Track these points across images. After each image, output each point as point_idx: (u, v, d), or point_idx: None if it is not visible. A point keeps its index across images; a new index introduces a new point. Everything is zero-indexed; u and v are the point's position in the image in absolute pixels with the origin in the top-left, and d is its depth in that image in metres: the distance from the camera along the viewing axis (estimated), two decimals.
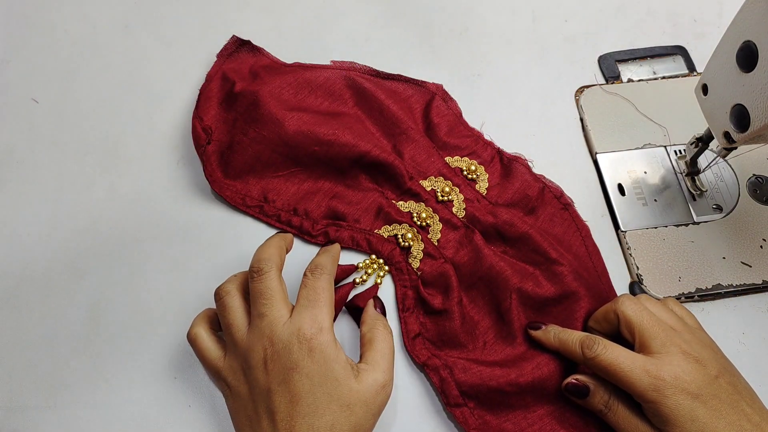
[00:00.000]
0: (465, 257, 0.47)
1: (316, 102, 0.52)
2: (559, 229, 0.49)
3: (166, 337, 0.46)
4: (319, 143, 0.49)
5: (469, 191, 0.50)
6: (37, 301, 0.47)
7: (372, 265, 0.48)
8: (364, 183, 0.50)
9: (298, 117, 0.49)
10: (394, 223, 0.48)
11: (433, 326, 0.45)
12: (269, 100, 0.50)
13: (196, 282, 0.48)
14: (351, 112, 0.52)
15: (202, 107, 0.52)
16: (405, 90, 0.55)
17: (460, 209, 0.49)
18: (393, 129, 0.51)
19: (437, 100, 0.54)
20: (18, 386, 0.44)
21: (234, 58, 0.56)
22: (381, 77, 0.55)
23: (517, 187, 0.50)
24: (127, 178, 0.52)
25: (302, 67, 0.55)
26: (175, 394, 0.44)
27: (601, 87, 0.56)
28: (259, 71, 0.54)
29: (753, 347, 0.46)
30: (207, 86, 0.53)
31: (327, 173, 0.50)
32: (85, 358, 0.45)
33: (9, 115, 0.55)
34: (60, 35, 0.59)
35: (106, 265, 0.48)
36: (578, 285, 0.45)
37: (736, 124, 0.41)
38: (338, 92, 0.52)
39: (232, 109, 0.52)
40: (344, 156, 0.49)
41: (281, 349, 0.38)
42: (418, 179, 0.50)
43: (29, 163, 0.53)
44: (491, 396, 0.42)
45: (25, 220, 0.50)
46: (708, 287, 0.47)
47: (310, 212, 0.49)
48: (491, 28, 0.60)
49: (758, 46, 0.37)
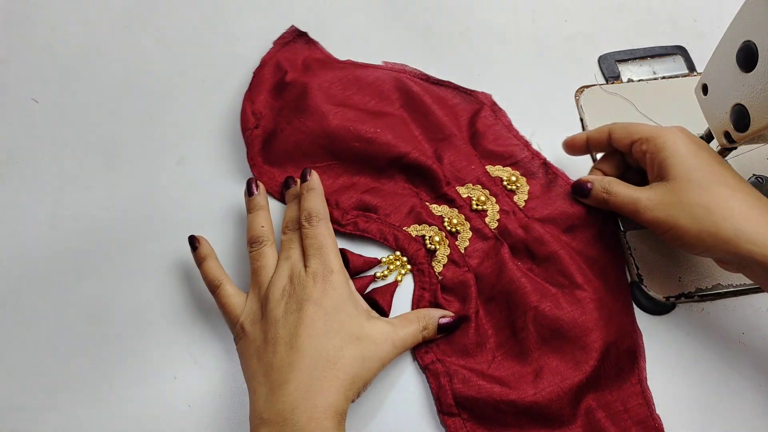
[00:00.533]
0: (488, 269, 0.46)
1: (363, 100, 0.52)
2: (595, 252, 0.47)
3: (166, 337, 0.46)
4: (360, 139, 0.49)
5: (506, 202, 0.49)
6: (37, 301, 0.47)
7: (395, 261, 0.48)
8: (400, 183, 0.50)
9: (342, 112, 0.50)
10: (424, 224, 0.48)
11: None
12: (317, 92, 0.50)
13: (196, 282, 0.48)
14: (396, 114, 0.52)
15: (254, 91, 0.53)
16: (453, 97, 0.54)
17: (493, 220, 0.48)
18: (436, 134, 0.51)
19: (485, 110, 0.53)
20: (18, 386, 0.44)
21: (289, 47, 0.56)
22: (430, 82, 0.55)
23: (558, 203, 0.49)
24: (127, 178, 0.52)
25: (354, 65, 0.55)
26: (175, 394, 0.44)
27: (601, 87, 0.56)
28: (312, 64, 0.55)
29: (753, 347, 0.46)
30: (260, 71, 0.54)
31: (364, 170, 0.50)
32: (85, 358, 0.45)
33: (9, 115, 0.55)
34: (60, 35, 0.59)
35: (106, 265, 0.48)
36: (599, 314, 0.43)
37: (736, 124, 0.41)
38: (386, 93, 0.53)
39: (281, 98, 0.52)
40: (383, 155, 0.49)
41: (297, 285, 0.40)
42: (455, 185, 0.50)
43: (29, 163, 0.53)
44: (486, 411, 0.42)
45: (25, 220, 0.50)
46: (708, 287, 0.47)
47: (341, 203, 0.49)
48: (491, 28, 0.60)
49: (758, 46, 0.37)
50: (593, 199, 0.46)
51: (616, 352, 0.43)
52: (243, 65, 0.57)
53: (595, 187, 0.46)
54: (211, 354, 0.45)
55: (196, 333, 0.46)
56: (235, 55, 0.57)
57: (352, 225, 0.48)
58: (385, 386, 0.44)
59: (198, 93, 0.56)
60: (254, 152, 0.51)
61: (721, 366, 0.45)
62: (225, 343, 0.46)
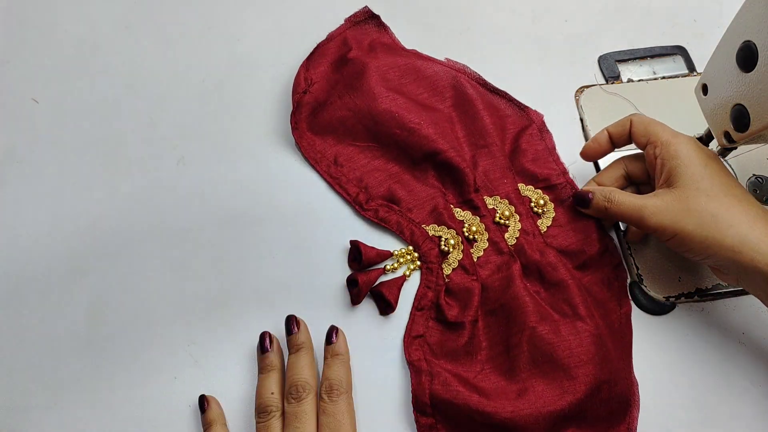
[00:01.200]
0: (496, 282, 0.46)
1: (417, 91, 0.53)
2: (602, 295, 0.47)
3: (166, 337, 0.46)
4: (402, 128, 0.49)
5: (529, 224, 0.49)
6: (37, 301, 0.47)
7: (406, 255, 0.48)
8: (430, 179, 0.50)
9: (393, 98, 0.50)
10: (444, 225, 0.48)
11: (437, 334, 0.45)
12: (374, 74, 0.51)
13: (197, 282, 0.48)
14: (445, 111, 0.52)
15: (313, 60, 0.55)
16: (505, 108, 0.54)
17: (512, 237, 0.48)
18: (478, 140, 0.51)
19: (533, 128, 0.53)
20: (18, 386, 0.44)
21: (360, 27, 0.57)
22: (487, 88, 0.55)
23: (579, 237, 0.48)
24: (127, 178, 0.52)
25: (417, 55, 0.56)
26: (175, 394, 0.44)
27: (601, 87, 0.56)
28: (377, 47, 0.55)
29: (753, 347, 0.46)
30: (326, 44, 0.55)
31: (399, 158, 0.51)
32: (85, 358, 0.45)
33: (9, 115, 0.55)
34: (60, 35, 0.59)
35: (106, 265, 0.48)
36: (596, 350, 0.42)
37: (736, 124, 0.41)
38: (440, 89, 0.53)
39: (339, 72, 0.54)
40: (420, 147, 0.49)
41: None
42: (483, 194, 0.50)
43: (29, 163, 0.53)
44: (459, 419, 0.41)
45: (25, 220, 0.50)
46: (708, 287, 0.47)
47: (370, 188, 0.50)
48: (491, 27, 0.60)
49: (758, 46, 0.37)
50: (594, 208, 0.46)
51: (608, 392, 0.42)
52: (243, 65, 0.57)
53: (596, 196, 0.46)
54: (211, 354, 0.45)
55: (196, 333, 0.46)
56: (235, 55, 0.57)
57: (373, 212, 0.49)
58: (372, 378, 0.44)
59: (198, 93, 0.56)
60: (300, 117, 0.52)
61: (721, 366, 0.45)
62: (225, 343, 0.46)
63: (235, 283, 0.48)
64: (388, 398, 0.44)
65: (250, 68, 0.56)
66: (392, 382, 0.44)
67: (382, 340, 0.46)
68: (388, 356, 0.45)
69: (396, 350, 0.45)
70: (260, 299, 0.47)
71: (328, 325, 0.45)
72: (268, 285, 0.48)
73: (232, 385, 0.44)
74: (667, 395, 0.44)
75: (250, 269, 0.48)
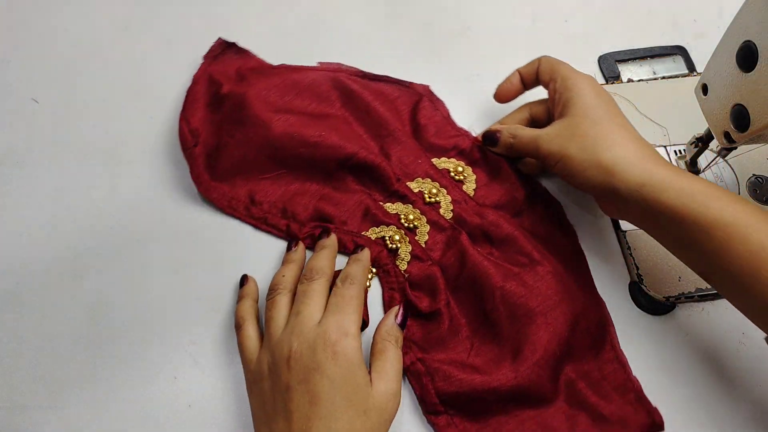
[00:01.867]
0: (451, 259, 0.47)
1: (303, 104, 0.51)
2: (544, 230, 0.49)
3: (166, 337, 0.46)
4: (306, 145, 0.48)
5: (457, 192, 0.50)
6: (37, 301, 0.47)
7: None
8: (351, 185, 0.50)
9: (284, 119, 0.49)
10: (382, 224, 0.48)
11: (419, 329, 0.45)
12: (255, 102, 0.50)
13: (197, 282, 0.48)
14: (338, 114, 0.52)
15: (189, 109, 0.52)
16: (392, 91, 0.54)
17: (447, 210, 0.49)
18: (380, 130, 0.51)
19: (424, 102, 0.54)
20: (18, 386, 0.44)
21: (220, 60, 0.55)
22: (368, 78, 0.55)
23: (505, 188, 0.50)
24: (127, 178, 0.52)
25: (289, 68, 0.55)
26: (175, 394, 0.44)
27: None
28: (246, 73, 0.54)
29: (753, 347, 0.46)
30: (193, 88, 0.53)
31: (314, 175, 0.50)
32: (85, 358, 0.45)
33: (9, 115, 0.55)
34: (60, 35, 0.59)
35: (106, 265, 0.48)
36: (561, 287, 0.44)
37: (736, 124, 0.41)
38: (325, 94, 0.52)
39: (219, 111, 0.51)
40: (331, 158, 0.49)
41: (305, 349, 0.39)
42: (405, 181, 0.50)
43: (29, 163, 0.53)
44: (471, 404, 0.42)
45: (25, 220, 0.50)
46: (708, 287, 0.47)
47: (297, 215, 0.49)
48: (491, 28, 0.60)
49: (758, 46, 0.37)
50: (502, 145, 0.49)
51: (585, 322, 0.44)
52: None
53: (503, 134, 0.49)
54: (211, 354, 0.45)
55: (196, 333, 0.46)
56: None
57: (310, 238, 0.48)
58: None
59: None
60: (199, 170, 0.50)
61: (721, 366, 0.45)
62: (225, 343, 0.46)
63: (236, 283, 0.48)
64: None
65: None
66: None
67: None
68: None
69: None
70: (260, 298, 0.47)
71: None
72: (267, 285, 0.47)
73: (232, 385, 0.44)
74: (667, 395, 0.44)
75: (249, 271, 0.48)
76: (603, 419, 0.42)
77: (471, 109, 0.55)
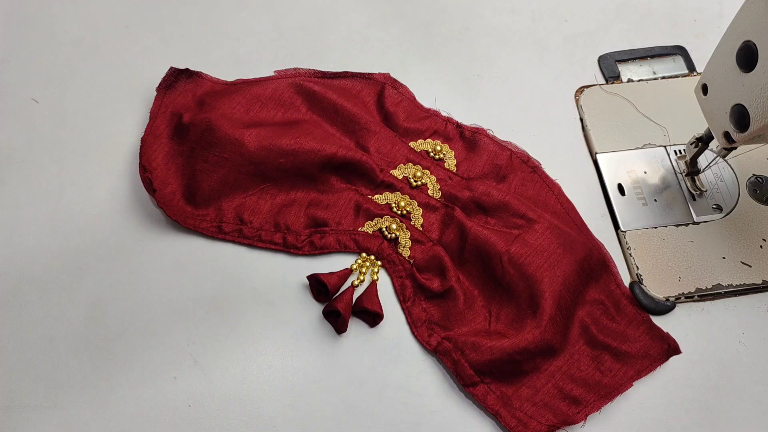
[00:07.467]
0: (451, 235, 0.48)
1: (270, 114, 0.51)
2: (531, 191, 0.50)
3: (166, 337, 0.46)
4: (284, 154, 0.48)
5: (440, 171, 0.51)
6: (37, 301, 0.47)
7: (365, 263, 0.48)
8: (336, 185, 0.50)
9: (256, 133, 0.48)
10: (376, 217, 0.49)
11: (437, 310, 0.46)
12: (222, 122, 0.49)
13: (196, 282, 0.48)
14: (307, 118, 0.52)
15: (148, 150, 0.50)
16: (354, 85, 0.55)
17: (435, 190, 0.50)
18: (352, 126, 0.52)
19: (388, 89, 0.54)
20: (18, 386, 0.44)
21: (174, 89, 0.53)
22: (327, 77, 0.55)
23: (485, 158, 0.51)
24: (127, 178, 0.52)
25: (246, 83, 0.54)
26: (175, 394, 0.44)
27: (601, 87, 0.56)
28: (204, 98, 0.52)
29: (753, 347, 0.46)
30: (152, 124, 0.51)
31: (298, 183, 0.50)
32: (85, 358, 0.45)
33: (9, 115, 0.55)
34: (60, 35, 0.59)
35: (106, 265, 0.48)
36: (563, 239, 0.46)
37: (736, 124, 0.41)
38: (289, 101, 0.52)
39: (186, 140, 0.50)
40: (311, 162, 0.48)
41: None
42: (388, 170, 0.50)
43: (29, 163, 0.53)
44: (504, 368, 0.43)
45: (25, 220, 0.50)
46: (708, 287, 0.47)
47: (291, 225, 0.49)
48: (491, 28, 0.60)
49: (758, 46, 0.37)
50: None
51: (588, 266, 0.46)
52: (243, 65, 0.57)
53: None
54: (211, 354, 0.45)
55: (196, 333, 0.46)
56: (235, 55, 0.57)
57: (309, 245, 0.48)
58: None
59: None
60: (181, 208, 0.49)
61: (721, 366, 0.45)
62: (225, 343, 0.46)
63: (236, 283, 0.48)
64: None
65: (249, 68, 0.56)
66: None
67: (387, 350, 0.46)
68: (399, 360, 0.45)
69: (403, 351, 0.45)
70: (260, 298, 0.47)
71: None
72: (267, 285, 0.48)
73: (232, 385, 0.44)
74: (667, 395, 0.44)
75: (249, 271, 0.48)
76: (626, 355, 0.44)
77: (471, 109, 0.55)
